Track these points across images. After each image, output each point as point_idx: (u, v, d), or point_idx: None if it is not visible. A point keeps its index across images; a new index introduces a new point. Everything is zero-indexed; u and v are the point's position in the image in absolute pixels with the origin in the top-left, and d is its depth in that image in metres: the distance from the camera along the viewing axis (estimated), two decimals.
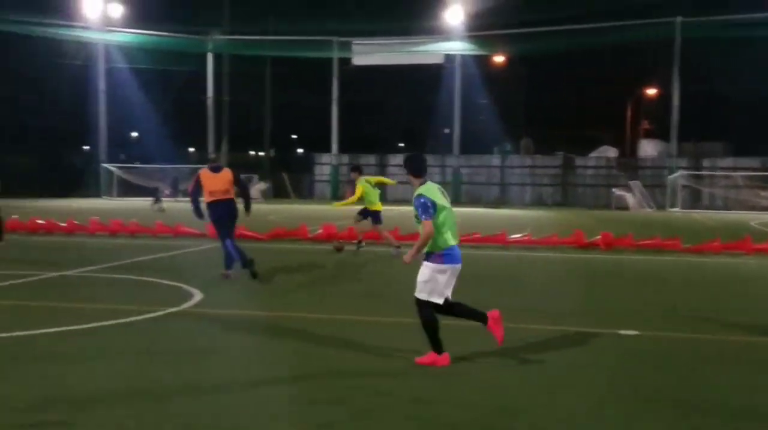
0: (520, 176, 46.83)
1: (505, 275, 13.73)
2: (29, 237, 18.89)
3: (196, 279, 12.09)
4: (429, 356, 7.04)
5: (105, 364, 7.04)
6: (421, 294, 6.99)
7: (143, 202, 33.36)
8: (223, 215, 12.39)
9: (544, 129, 59.67)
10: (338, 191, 46.50)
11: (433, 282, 6.93)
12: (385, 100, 60.83)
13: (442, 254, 6.93)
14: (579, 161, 46.68)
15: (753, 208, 39.25)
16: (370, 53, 46.58)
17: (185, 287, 11.28)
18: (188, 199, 13.30)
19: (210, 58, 47.00)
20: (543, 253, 17.16)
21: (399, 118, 62.85)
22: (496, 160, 47.64)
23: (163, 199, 34.26)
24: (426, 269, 6.97)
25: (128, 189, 42.27)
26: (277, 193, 46.43)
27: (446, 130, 50.51)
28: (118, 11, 44.48)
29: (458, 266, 7.07)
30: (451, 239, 6.98)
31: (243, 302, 10.41)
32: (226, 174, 12.44)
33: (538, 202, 44.58)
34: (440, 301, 6.97)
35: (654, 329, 8.84)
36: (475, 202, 43.73)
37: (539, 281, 12.85)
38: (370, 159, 48.33)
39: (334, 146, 47.16)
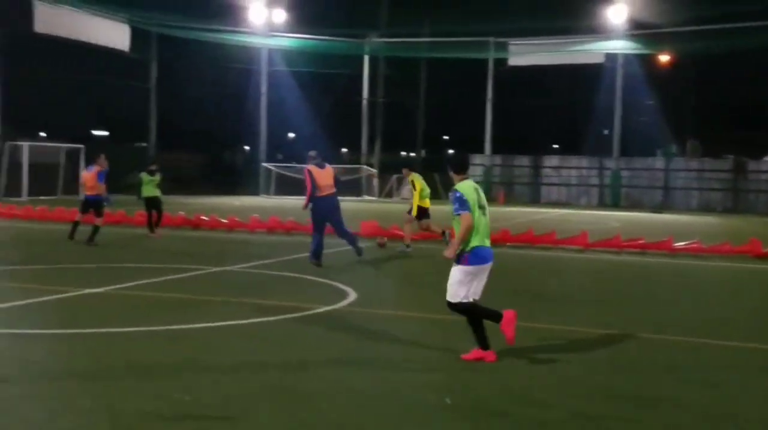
0: (686, 180, 44.35)
1: (675, 283, 12.90)
2: (194, 232, 19.75)
3: (349, 277, 12.14)
4: (474, 352, 7.01)
5: (277, 357, 7.09)
6: (453, 298, 7.03)
7: (299, 201, 34.25)
8: (332, 207, 13.64)
9: (713, 131, 56.32)
10: (490, 193, 45.86)
11: (463, 284, 6.97)
12: (539, 100, 59.47)
13: (469, 255, 6.92)
14: (752, 165, 43.65)
15: None
16: (527, 53, 45.70)
17: (340, 285, 11.32)
18: (345, 198, 13.64)
19: (366, 61, 47.69)
20: (714, 262, 16.00)
21: (554, 119, 61.26)
22: (659, 162, 45.35)
23: None
24: (455, 272, 7.02)
25: (285, 187, 43.58)
26: (430, 193, 46.38)
27: (605, 132, 48.69)
28: (281, 17, 46.02)
29: (487, 266, 7.08)
30: (478, 240, 6.95)
31: (397, 301, 10.33)
32: (330, 170, 13.81)
33: (706, 208, 42.00)
34: (470, 301, 6.99)
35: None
36: (635, 206, 41.85)
37: (722, 293, 11.94)
38: (524, 160, 47.39)
39: (488, 147, 46.61)
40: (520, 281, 12.65)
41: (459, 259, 6.98)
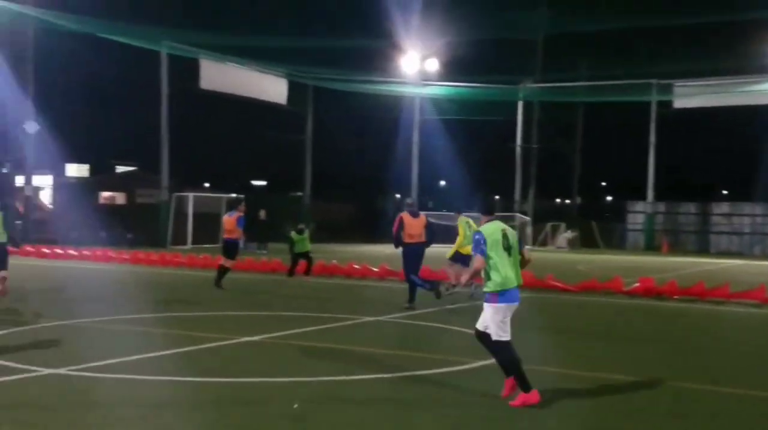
0: None
1: None
2: (346, 281, 19.69)
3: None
4: (519, 397, 7.05)
5: (456, 411, 6.75)
6: (496, 336, 7.18)
7: (449, 249, 33.84)
8: (416, 255, 14.14)
9: None
10: (653, 241, 43.62)
11: (494, 321, 7.17)
12: (707, 144, 56.56)
13: (497, 293, 7.14)
14: None
15: None
16: (694, 95, 43.52)
17: None
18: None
19: (520, 106, 47.15)
20: None
21: (724, 164, 57.98)
22: None
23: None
24: (486, 310, 7.27)
25: (436, 236, 43.44)
26: (585, 242, 44.81)
27: None
28: (434, 66, 46.48)
29: (513, 305, 7.26)
30: (504, 279, 7.13)
31: (555, 357, 9.63)
32: (423, 219, 14.24)
33: None
34: (507, 337, 7.19)
35: None
36: None
37: None
38: (690, 207, 44.85)
39: (650, 194, 44.50)
40: (689, 338, 11.55)
41: (487, 297, 7.28)
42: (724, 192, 63.67)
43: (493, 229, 7.29)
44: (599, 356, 10.12)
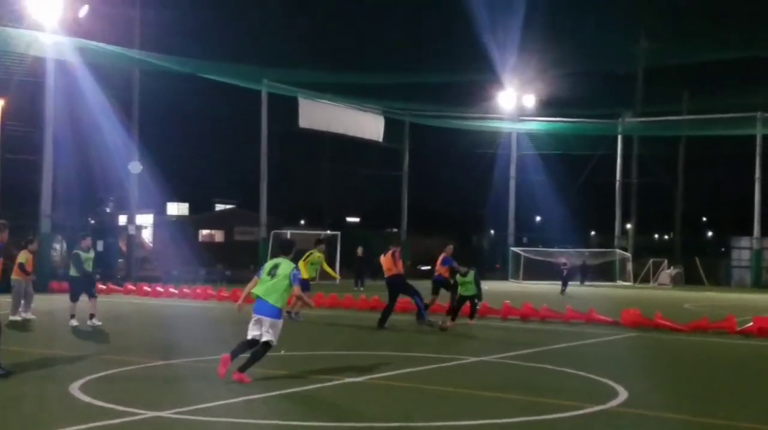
0: None
1: None
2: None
3: (616, 373, 11.21)
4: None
5: None
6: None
7: (549, 286, 33.38)
8: (394, 285, 16.83)
9: None
10: (760, 278, 41.85)
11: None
12: None
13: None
14: None
15: None
16: None
17: (606, 381, 10.49)
18: (598, 283, 12.92)
19: (620, 140, 46.38)
20: None
21: None
22: None
23: (572, 283, 33.85)
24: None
25: (533, 272, 42.78)
26: (689, 279, 43.39)
27: None
28: (531, 101, 46.33)
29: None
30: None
31: (675, 402, 9.30)
32: (388, 256, 16.61)
33: None
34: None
35: None
36: None
37: None
38: None
39: (756, 229, 42.83)
40: None
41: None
42: None
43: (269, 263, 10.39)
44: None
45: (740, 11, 51.31)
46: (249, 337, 9.76)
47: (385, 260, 17.17)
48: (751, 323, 16.91)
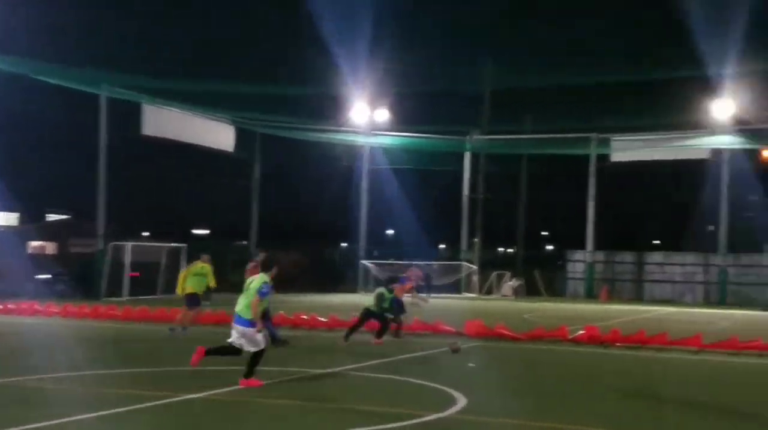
0: None
1: None
2: (293, 332, 19.28)
3: (457, 381, 11.57)
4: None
5: None
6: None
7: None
8: None
9: None
10: (592, 289, 44.52)
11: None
12: (642, 196, 58.25)
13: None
14: None
15: None
16: (630, 149, 45.05)
17: (448, 389, 10.80)
18: (444, 295, 13.40)
19: (468, 157, 47.97)
20: None
21: (657, 215, 59.77)
22: (767, 259, 43.36)
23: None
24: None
25: (381, 285, 43.45)
26: (529, 290, 45.49)
27: (710, 228, 47.01)
28: (383, 116, 47.08)
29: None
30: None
31: (511, 408, 9.70)
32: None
33: None
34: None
35: None
36: (742, 304, 39.72)
37: None
38: (626, 257, 46.06)
39: (589, 244, 45.57)
40: (631, 384, 11.84)
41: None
42: (656, 242, 65.53)
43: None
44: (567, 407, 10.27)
45: (579, 40, 54.71)
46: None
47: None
48: (582, 332, 17.97)
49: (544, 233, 77.09)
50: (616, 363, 14.86)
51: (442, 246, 60.79)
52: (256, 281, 11.02)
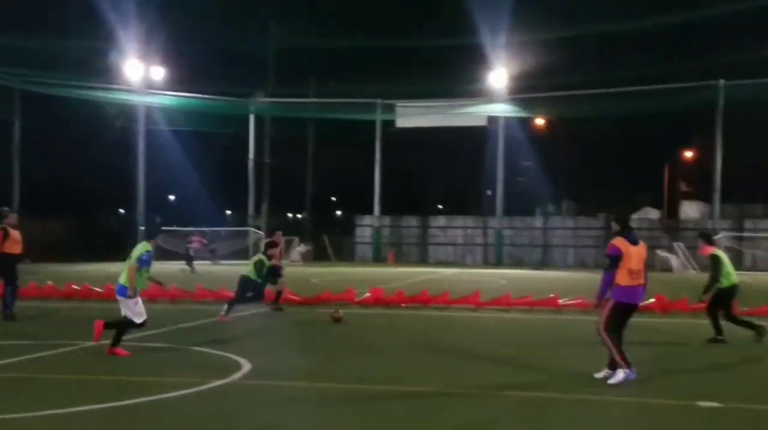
0: (563, 238, 45.78)
1: (560, 337, 12.64)
2: (64, 303, 18.10)
3: (243, 347, 11.26)
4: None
5: None
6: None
7: (181, 266, 32.76)
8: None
9: (586, 191, 58.70)
10: (380, 253, 45.69)
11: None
12: (427, 162, 60.44)
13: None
14: None
15: None
16: (414, 116, 46.39)
17: (231, 355, 10.44)
18: (245, 261, 12.97)
19: (252, 120, 47.07)
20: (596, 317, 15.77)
21: (441, 180, 62.37)
22: (538, 222, 46.73)
23: (203, 262, 33.65)
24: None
25: (165, 253, 41.78)
26: (318, 255, 45.82)
27: (489, 192, 49.82)
28: (159, 74, 44.81)
29: None
30: None
31: (294, 372, 9.51)
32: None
33: (581, 264, 43.44)
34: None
35: (738, 400, 7.93)
36: (517, 264, 42.64)
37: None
38: (412, 221, 47.68)
39: (377, 208, 46.62)
40: (413, 340, 12.09)
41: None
42: (440, 207, 68.56)
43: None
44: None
45: (364, 3, 55.14)
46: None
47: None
48: (368, 294, 18.21)
49: (332, 199, 78.08)
50: (401, 322, 15.14)
51: (229, 212, 59.64)
52: (137, 248, 10.63)
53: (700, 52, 42.76)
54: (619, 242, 8.92)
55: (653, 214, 50.58)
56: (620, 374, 8.62)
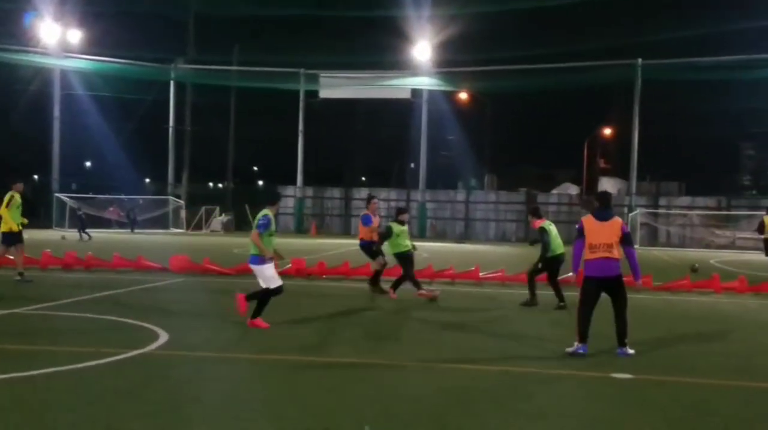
0: (484, 212, 46.49)
1: (484, 310, 12.92)
2: None
3: (160, 317, 11.10)
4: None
5: (69, 416, 6.05)
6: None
7: (100, 234, 32.06)
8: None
9: (508, 166, 59.74)
10: (303, 224, 45.51)
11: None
12: (351, 133, 60.34)
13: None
14: (542, 198, 46.54)
15: (708, 246, 39.41)
16: (338, 86, 46.10)
17: (149, 325, 10.29)
18: (151, 230, 12.62)
19: (173, 87, 45.92)
20: (517, 289, 16.18)
21: (365, 152, 62.38)
22: (460, 195, 47.30)
23: (122, 230, 32.96)
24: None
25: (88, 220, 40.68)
26: (240, 226, 45.35)
27: (412, 165, 50.12)
28: (76, 37, 43.23)
29: None
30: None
31: (212, 342, 9.47)
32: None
33: (502, 238, 44.26)
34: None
35: (649, 372, 8.21)
36: (440, 237, 43.12)
37: (519, 320, 12.04)
38: (335, 192, 47.57)
39: (299, 179, 46.32)
40: (328, 310, 12.16)
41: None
42: (363, 179, 68.64)
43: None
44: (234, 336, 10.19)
45: None
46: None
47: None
48: (289, 265, 18.14)
49: (255, 168, 77.27)
50: (321, 293, 15.16)
51: (148, 180, 58.37)
52: (258, 215, 10.66)
53: (621, 30, 43.79)
54: (585, 218, 9.47)
55: (573, 189, 51.88)
56: (629, 349, 9.08)
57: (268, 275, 10.48)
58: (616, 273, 9.02)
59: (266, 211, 10.67)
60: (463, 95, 50.71)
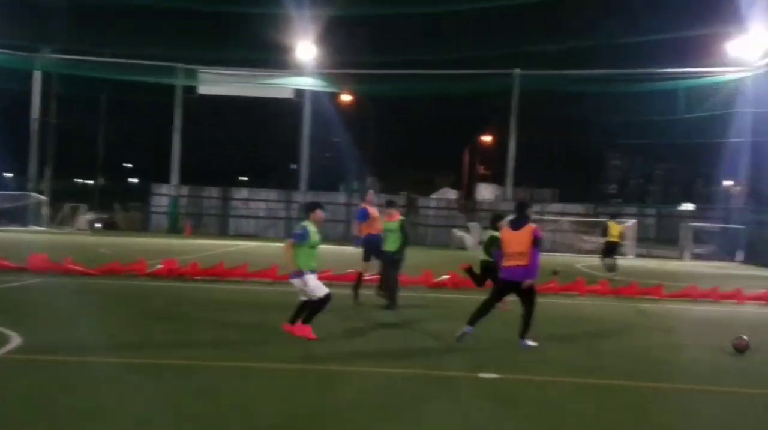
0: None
1: (362, 312, 12.65)
2: None
3: (12, 319, 10.25)
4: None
5: None
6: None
7: None
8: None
9: (390, 169, 60.13)
10: (177, 224, 44.01)
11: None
12: (230, 131, 59.04)
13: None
14: (422, 202, 47.02)
15: (578, 251, 40.91)
16: (218, 83, 44.93)
17: (1, 328, 9.45)
18: (7, 228, 11.66)
19: (38, 77, 43.42)
20: (409, 292, 16.01)
21: (244, 151, 61.22)
22: (342, 197, 47.10)
23: None
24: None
25: None
26: (108, 224, 43.35)
27: (293, 166, 49.51)
28: None
29: None
30: None
31: (70, 345, 8.77)
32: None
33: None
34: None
35: (515, 372, 8.42)
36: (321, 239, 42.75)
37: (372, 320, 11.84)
38: (213, 192, 46.27)
39: (174, 177, 44.78)
40: (202, 313, 11.58)
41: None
42: (243, 178, 67.43)
43: None
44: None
45: None
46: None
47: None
48: (160, 266, 17.32)
49: (127, 165, 74.49)
50: (193, 294, 14.49)
51: (9, 175, 55.12)
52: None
53: (503, 40, 44.84)
54: (504, 228, 10.39)
55: (452, 194, 52.62)
56: (528, 342, 9.93)
57: (312, 286, 9.84)
58: (522, 278, 9.80)
59: (305, 223, 10.02)
60: (347, 97, 50.61)
